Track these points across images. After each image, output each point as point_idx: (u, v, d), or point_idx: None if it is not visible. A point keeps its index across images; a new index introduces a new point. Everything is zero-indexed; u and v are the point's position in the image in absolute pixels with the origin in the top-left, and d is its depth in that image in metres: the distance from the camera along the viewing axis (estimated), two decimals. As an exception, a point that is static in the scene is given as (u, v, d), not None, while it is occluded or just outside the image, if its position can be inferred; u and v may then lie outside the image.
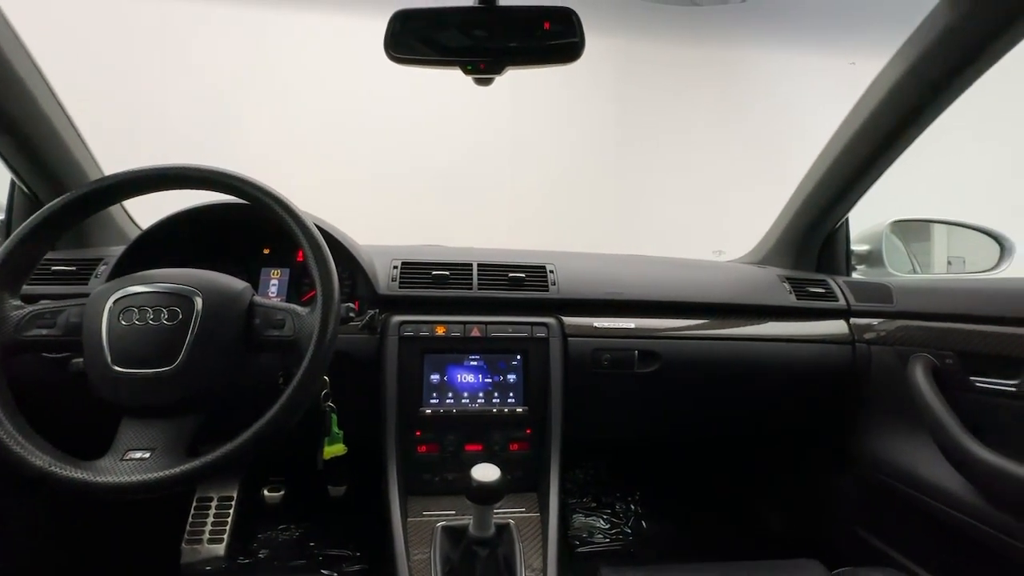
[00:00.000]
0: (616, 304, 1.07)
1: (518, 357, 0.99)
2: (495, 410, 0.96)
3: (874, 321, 1.09)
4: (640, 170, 2.54)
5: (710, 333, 1.08)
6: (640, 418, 1.15)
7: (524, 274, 1.05)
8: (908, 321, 1.01)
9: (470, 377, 0.97)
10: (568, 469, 1.42)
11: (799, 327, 1.11)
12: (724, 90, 2.56)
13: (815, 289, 1.16)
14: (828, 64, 2.40)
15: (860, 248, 1.25)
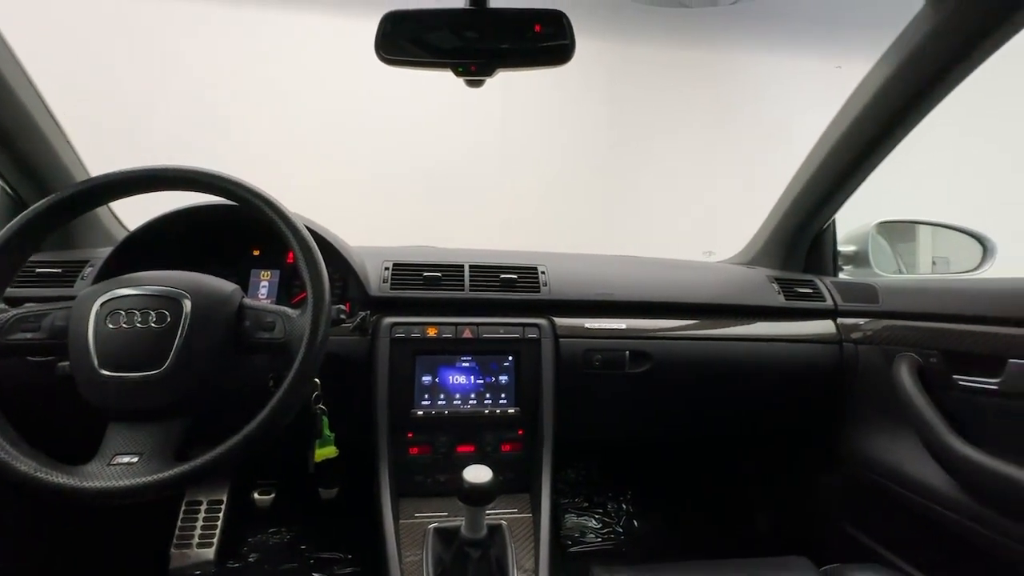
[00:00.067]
0: (607, 305, 1.07)
1: (510, 358, 0.99)
2: (487, 411, 0.96)
3: (860, 321, 1.10)
4: (631, 171, 2.56)
5: (700, 333, 1.09)
6: (631, 418, 1.15)
7: (516, 275, 1.05)
8: (893, 321, 1.03)
9: (462, 378, 0.97)
10: (560, 469, 1.43)
11: (788, 327, 1.12)
12: (714, 92, 2.59)
13: (803, 289, 1.18)
14: (815, 68, 2.43)
15: (847, 249, 1.27)
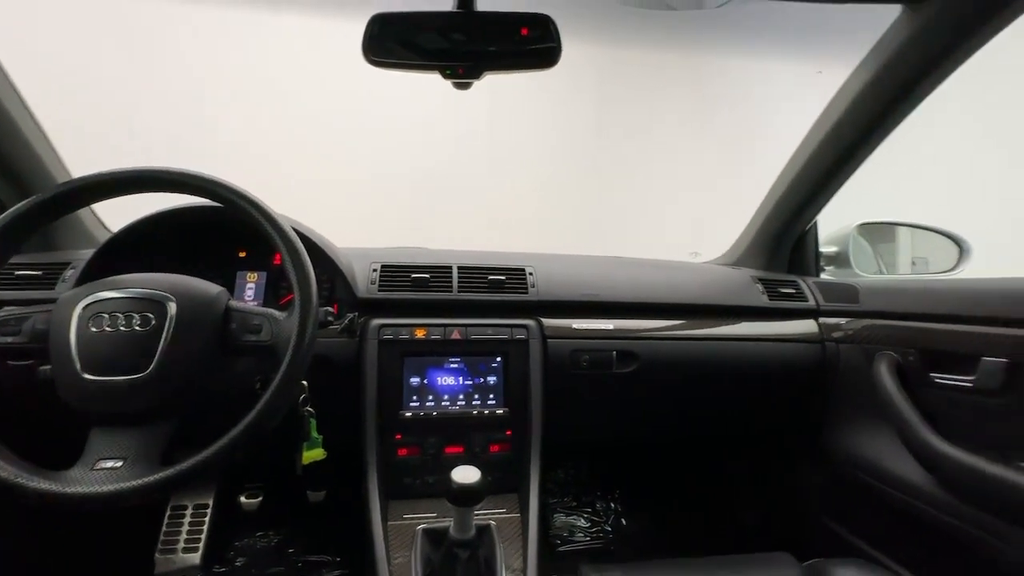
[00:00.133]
0: (595, 306, 1.08)
1: (498, 359, 0.99)
2: (475, 412, 0.97)
3: (842, 320, 1.13)
4: (619, 173, 2.58)
5: (686, 333, 1.10)
6: (619, 418, 1.16)
7: (504, 276, 1.06)
8: (873, 320, 1.05)
9: (450, 379, 0.97)
10: (549, 470, 1.43)
11: (771, 327, 1.14)
12: (700, 95, 2.62)
13: (786, 290, 1.20)
14: (797, 72, 2.48)
15: (828, 250, 1.29)
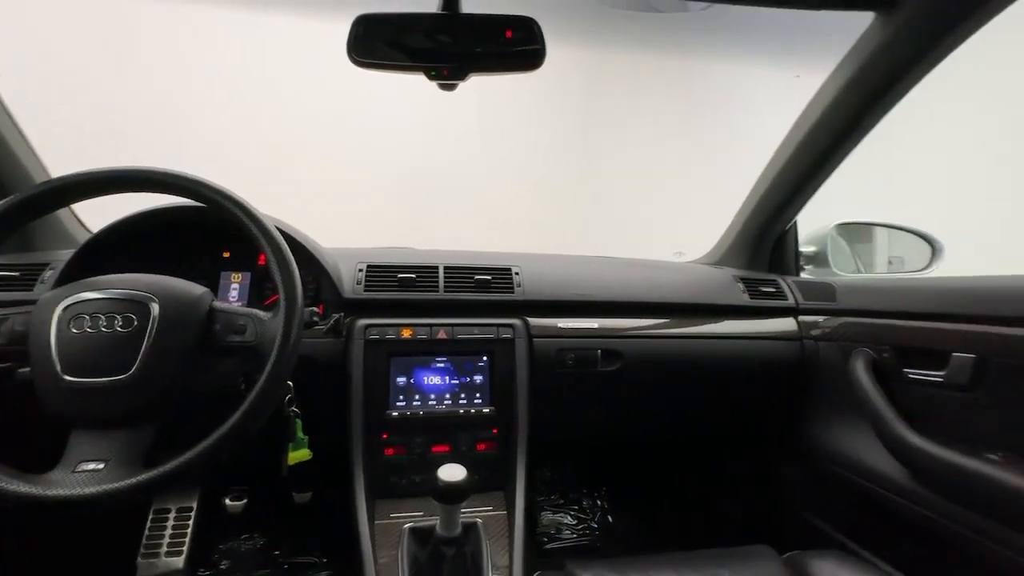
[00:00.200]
0: (580, 305, 1.09)
1: (484, 358, 1.00)
2: (462, 411, 0.97)
3: (820, 318, 1.15)
4: (606, 174, 2.61)
5: (670, 332, 1.12)
6: (604, 416, 1.17)
7: (490, 276, 1.06)
8: (850, 318, 1.08)
9: (437, 379, 0.98)
10: (536, 468, 1.44)
11: (752, 325, 1.17)
12: (683, 98, 2.66)
13: (767, 288, 1.22)
14: (775, 76, 2.53)
15: (808, 249, 1.32)
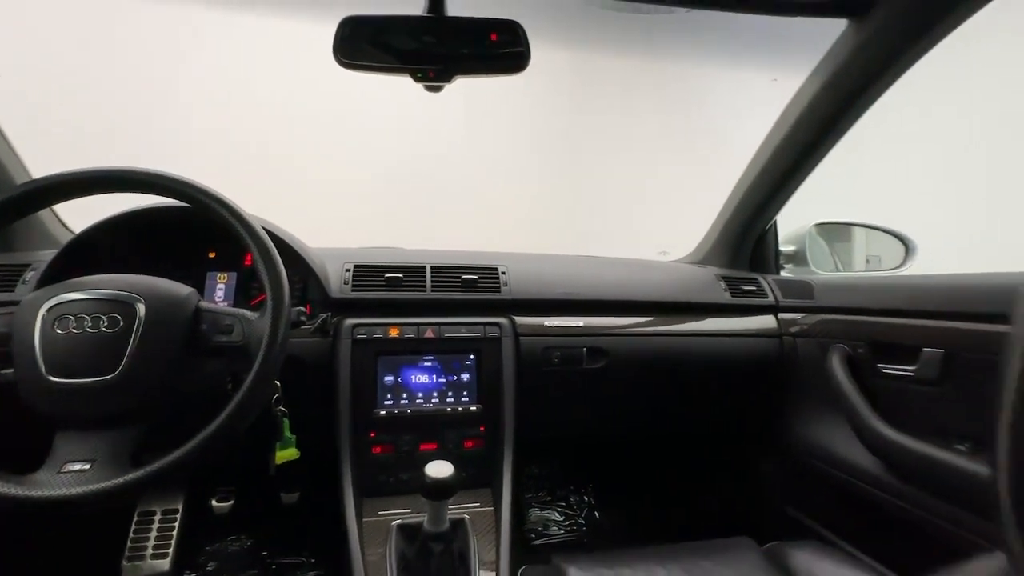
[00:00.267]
0: (566, 303, 1.11)
1: (471, 357, 1.01)
2: (449, 409, 0.98)
3: (798, 316, 1.18)
4: (589, 175, 2.63)
5: (653, 330, 1.14)
6: (589, 414, 1.19)
7: (476, 276, 1.07)
8: (827, 315, 1.11)
9: (424, 377, 0.98)
10: (523, 465, 1.46)
11: (733, 322, 1.19)
12: (666, 99, 2.70)
13: (747, 287, 1.25)
14: (754, 79, 2.58)
15: (787, 248, 1.36)
